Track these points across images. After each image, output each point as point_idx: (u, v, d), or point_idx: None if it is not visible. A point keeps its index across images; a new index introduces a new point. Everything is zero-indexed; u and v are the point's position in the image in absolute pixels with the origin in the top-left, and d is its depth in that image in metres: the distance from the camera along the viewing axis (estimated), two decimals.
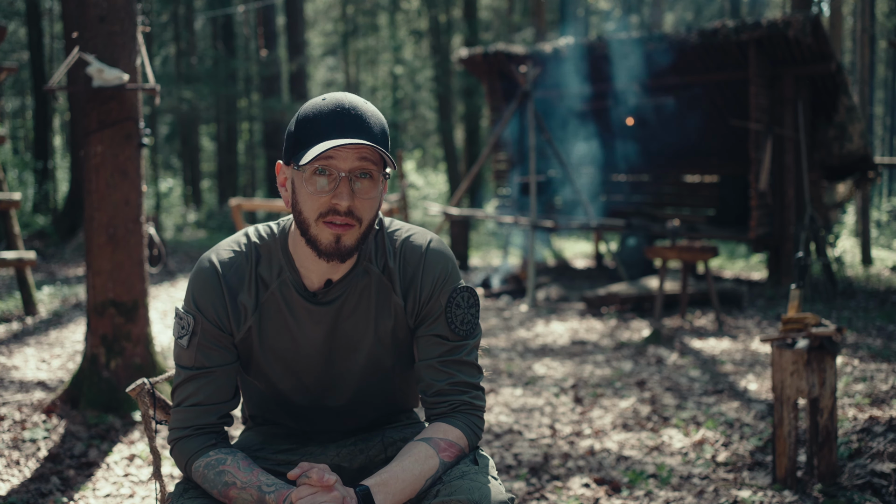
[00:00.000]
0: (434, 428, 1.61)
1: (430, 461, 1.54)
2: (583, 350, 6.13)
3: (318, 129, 1.49)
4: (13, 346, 5.76)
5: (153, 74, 5.93)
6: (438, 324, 1.64)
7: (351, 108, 1.51)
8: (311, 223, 1.52)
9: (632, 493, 3.28)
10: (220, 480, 1.53)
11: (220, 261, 1.63)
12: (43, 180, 15.05)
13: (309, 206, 1.51)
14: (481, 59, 10.84)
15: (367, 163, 1.50)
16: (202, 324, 1.60)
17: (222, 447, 1.60)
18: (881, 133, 29.92)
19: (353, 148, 1.49)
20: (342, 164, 1.49)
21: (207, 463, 1.56)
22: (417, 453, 1.54)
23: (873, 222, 14.40)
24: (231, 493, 1.52)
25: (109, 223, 4.05)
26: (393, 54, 23.35)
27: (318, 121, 1.50)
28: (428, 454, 1.55)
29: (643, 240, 9.63)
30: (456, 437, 1.61)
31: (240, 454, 1.57)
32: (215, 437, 1.61)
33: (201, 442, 1.59)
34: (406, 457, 1.54)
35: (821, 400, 3.15)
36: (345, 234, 1.51)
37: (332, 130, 1.48)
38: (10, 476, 3.34)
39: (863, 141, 9.27)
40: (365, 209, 1.52)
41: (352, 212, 1.50)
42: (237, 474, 1.52)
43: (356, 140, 1.47)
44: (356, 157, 1.50)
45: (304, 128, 1.51)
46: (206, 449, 1.58)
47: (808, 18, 8.06)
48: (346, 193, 1.49)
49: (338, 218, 1.50)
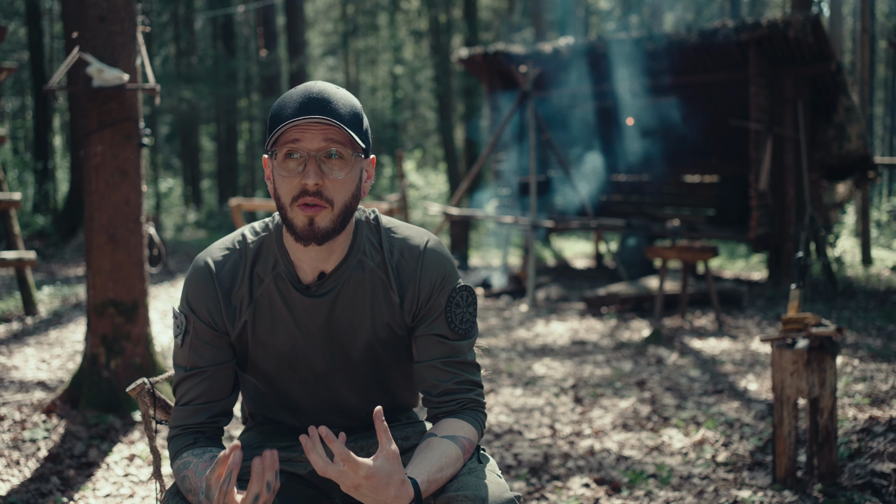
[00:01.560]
0: (453, 425, 1.62)
1: (458, 464, 1.57)
2: (583, 350, 6.13)
3: (286, 115, 1.51)
4: (13, 346, 5.76)
5: (153, 74, 5.92)
6: (438, 323, 1.65)
7: (318, 92, 1.53)
8: (287, 207, 1.53)
9: (632, 493, 3.28)
10: (184, 486, 1.56)
11: (213, 260, 1.64)
12: (43, 180, 15.04)
13: (283, 190, 1.53)
14: (481, 59, 10.84)
15: (333, 143, 1.51)
16: (194, 323, 1.62)
17: (198, 447, 1.60)
18: (881, 133, 29.93)
19: (319, 128, 1.50)
20: (308, 145, 1.51)
21: (178, 466, 1.58)
22: (450, 455, 1.55)
23: (873, 222, 14.39)
24: (189, 498, 1.55)
25: (109, 223, 4.05)
26: (393, 54, 23.36)
27: (286, 106, 1.52)
28: (457, 456, 1.57)
29: (643, 240, 9.63)
30: (473, 435, 1.63)
31: (207, 454, 1.57)
32: (196, 437, 1.62)
33: (182, 442, 1.61)
34: (442, 457, 1.54)
35: (821, 400, 3.15)
36: (317, 216, 1.52)
37: (299, 112, 1.50)
38: (10, 476, 3.34)
39: (861, 141, 9.26)
40: (336, 190, 1.52)
41: (321, 192, 1.51)
42: (192, 479, 1.54)
43: (315, 117, 1.48)
44: (322, 137, 1.51)
45: (274, 115, 1.54)
46: (183, 450, 1.60)
47: (808, 18, 8.06)
48: (312, 172, 1.50)
49: (308, 199, 1.51)
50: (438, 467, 1.51)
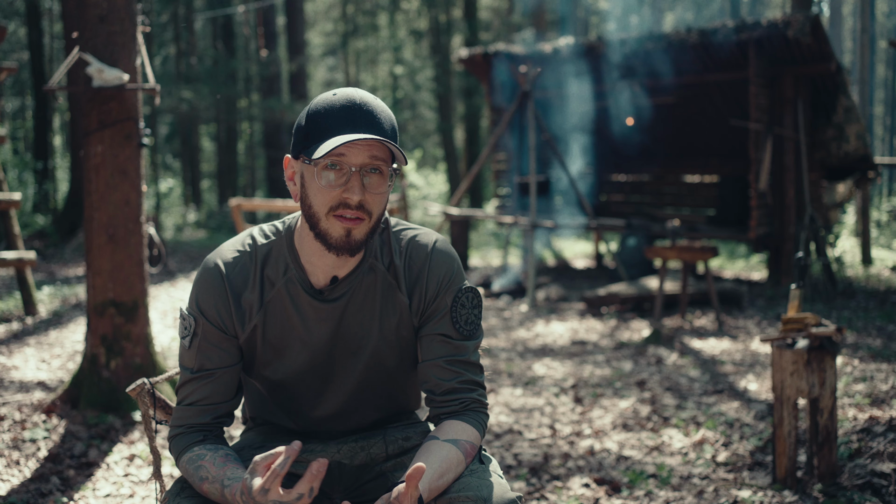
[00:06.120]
0: (455, 427, 1.62)
1: (459, 468, 1.57)
2: (583, 350, 6.13)
3: (330, 124, 1.50)
4: (13, 346, 5.76)
5: (153, 74, 5.92)
6: (443, 323, 1.65)
7: (362, 104, 1.52)
8: (321, 217, 1.53)
9: (632, 493, 3.28)
10: (197, 475, 1.56)
11: (224, 262, 1.63)
12: (43, 180, 15.04)
13: (319, 199, 1.52)
14: (481, 59, 10.84)
15: (377, 159, 1.52)
16: (203, 325, 1.61)
17: (209, 443, 1.61)
18: (881, 133, 29.93)
19: (363, 144, 1.50)
20: (353, 159, 1.50)
21: (190, 458, 1.58)
22: (451, 460, 1.55)
23: (873, 222, 14.38)
24: (204, 487, 1.55)
25: (109, 223, 4.05)
26: (393, 54, 23.35)
27: (330, 116, 1.51)
28: (459, 460, 1.57)
29: (643, 240, 9.63)
30: (475, 437, 1.63)
31: (221, 451, 1.58)
32: (205, 434, 1.63)
33: (190, 438, 1.62)
34: (443, 462, 1.54)
35: (821, 400, 3.15)
36: (355, 228, 1.52)
37: (344, 125, 1.49)
38: (10, 476, 3.34)
39: (860, 142, 9.26)
40: (375, 203, 1.53)
41: (362, 206, 1.52)
42: (210, 469, 1.54)
43: (368, 135, 1.48)
44: (367, 153, 1.51)
45: (314, 122, 1.52)
46: (193, 445, 1.61)
47: (808, 18, 8.06)
48: (357, 188, 1.50)
49: (349, 212, 1.51)
50: (439, 473, 1.52)
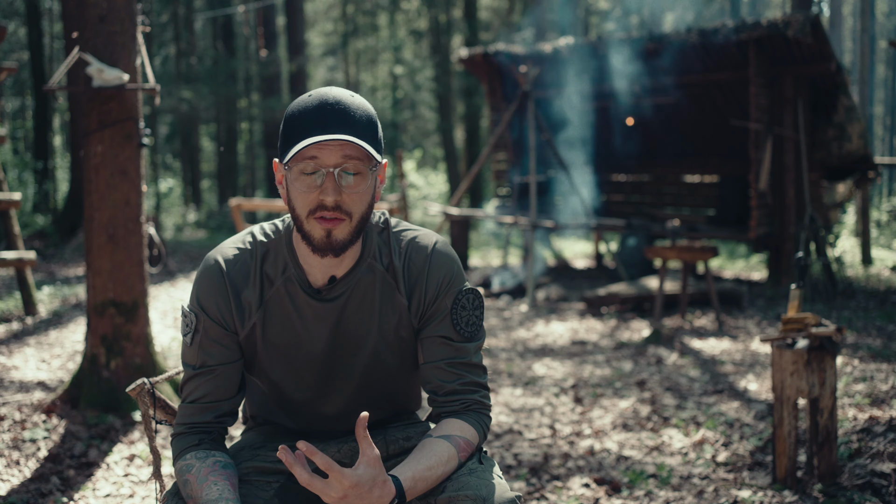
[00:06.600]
0: (451, 425, 1.62)
1: (451, 462, 1.57)
2: (583, 350, 6.13)
3: (303, 126, 1.50)
4: (13, 346, 5.76)
5: (153, 74, 5.93)
6: (444, 325, 1.65)
7: (335, 103, 1.51)
8: (303, 219, 1.53)
9: (632, 493, 3.28)
10: (184, 491, 1.57)
11: (224, 259, 1.64)
12: (43, 180, 15.04)
13: (300, 202, 1.53)
14: (481, 59, 10.84)
15: (350, 158, 1.51)
16: (205, 322, 1.62)
17: (201, 450, 1.60)
18: (881, 133, 29.93)
19: (335, 144, 1.49)
20: (327, 160, 1.50)
21: (180, 468, 1.59)
22: (441, 454, 1.55)
23: (873, 222, 14.37)
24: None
25: (109, 223, 4.05)
26: (393, 54, 23.35)
27: (303, 117, 1.51)
28: (450, 455, 1.57)
29: (643, 240, 9.63)
30: (471, 435, 1.63)
31: (210, 459, 1.58)
32: (202, 437, 1.62)
33: (187, 441, 1.62)
34: (432, 456, 1.54)
35: (821, 400, 3.15)
36: (335, 228, 1.52)
37: (315, 127, 1.49)
38: (10, 476, 3.34)
39: (862, 141, 9.26)
40: (354, 203, 1.53)
41: (340, 206, 1.51)
42: (193, 486, 1.54)
43: (337, 136, 1.47)
44: (339, 152, 1.50)
45: (290, 125, 1.52)
46: (188, 450, 1.60)
47: (808, 18, 8.06)
48: (331, 188, 1.50)
49: (326, 213, 1.51)
50: (427, 466, 1.52)
